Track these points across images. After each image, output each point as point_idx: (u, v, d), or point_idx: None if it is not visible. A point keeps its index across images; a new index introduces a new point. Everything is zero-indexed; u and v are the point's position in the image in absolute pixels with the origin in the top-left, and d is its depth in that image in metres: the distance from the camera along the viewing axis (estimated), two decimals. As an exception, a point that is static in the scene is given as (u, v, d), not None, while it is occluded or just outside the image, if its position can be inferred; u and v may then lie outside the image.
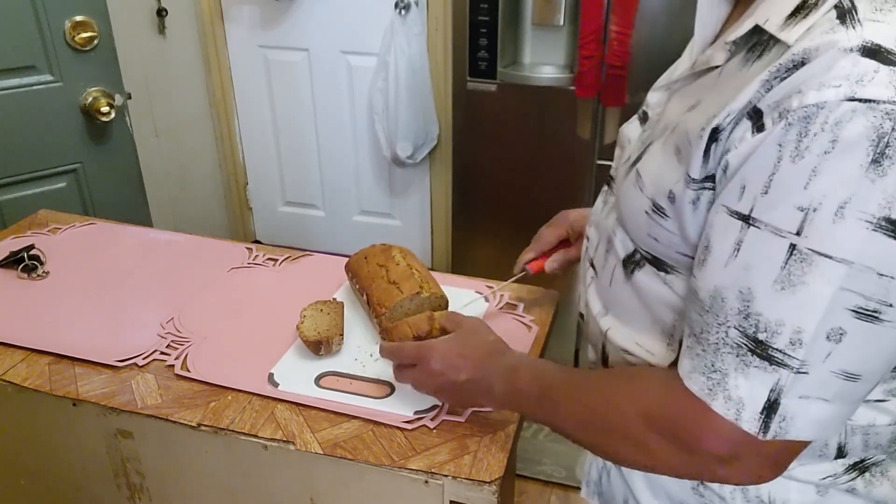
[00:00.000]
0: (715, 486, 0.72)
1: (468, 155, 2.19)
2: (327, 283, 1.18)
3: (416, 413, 0.88)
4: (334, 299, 1.08)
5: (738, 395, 0.57)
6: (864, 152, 0.49)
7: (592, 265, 0.80)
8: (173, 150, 2.71)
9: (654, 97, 0.75)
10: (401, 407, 0.89)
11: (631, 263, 0.71)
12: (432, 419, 0.87)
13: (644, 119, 0.76)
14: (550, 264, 1.02)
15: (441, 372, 0.80)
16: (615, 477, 0.82)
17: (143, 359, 0.99)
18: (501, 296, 1.14)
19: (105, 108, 1.81)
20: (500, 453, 0.83)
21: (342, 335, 1.00)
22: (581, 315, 0.87)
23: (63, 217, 1.42)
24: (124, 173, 1.98)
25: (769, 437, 0.57)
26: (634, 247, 0.70)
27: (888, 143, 0.49)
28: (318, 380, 0.95)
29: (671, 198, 0.62)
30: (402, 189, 2.74)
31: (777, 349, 0.55)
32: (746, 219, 0.55)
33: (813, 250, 0.52)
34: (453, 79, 2.11)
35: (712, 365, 0.58)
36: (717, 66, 0.64)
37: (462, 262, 2.33)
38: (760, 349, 0.55)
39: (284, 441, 0.85)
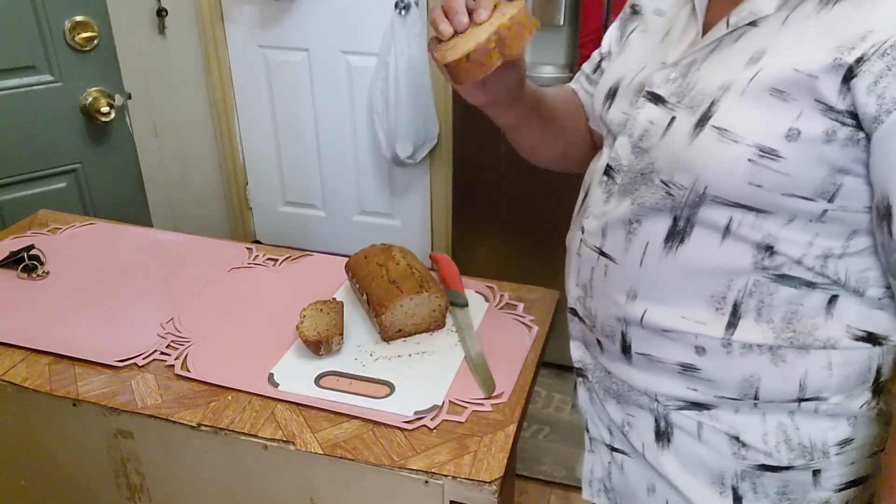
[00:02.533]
0: (758, 442, 0.75)
1: (468, 155, 2.19)
2: (327, 283, 1.18)
3: (416, 413, 0.88)
4: (334, 299, 1.08)
5: None
6: None
7: (603, 254, 0.78)
8: (173, 150, 2.71)
9: (659, 76, 0.74)
10: (401, 407, 0.89)
11: (675, 237, 0.71)
12: (432, 419, 0.87)
13: (657, 99, 0.74)
14: None
15: None
16: (634, 467, 0.83)
17: (143, 359, 0.99)
18: (502, 295, 1.14)
19: (105, 108, 1.81)
20: (500, 453, 0.83)
21: (342, 335, 1.00)
22: (573, 311, 0.86)
23: (63, 217, 1.42)
24: (124, 173, 1.98)
25: None
26: (673, 220, 0.71)
27: None
28: (318, 380, 0.95)
29: (791, 135, 0.62)
30: (402, 189, 2.74)
31: None
32: None
33: None
34: (453, 79, 2.11)
35: None
36: (758, 19, 0.67)
37: (462, 262, 2.32)
38: None
39: (284, 441, 0.85)
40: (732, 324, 0.71)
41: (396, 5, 2.31)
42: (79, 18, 1.75)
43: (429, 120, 2.45)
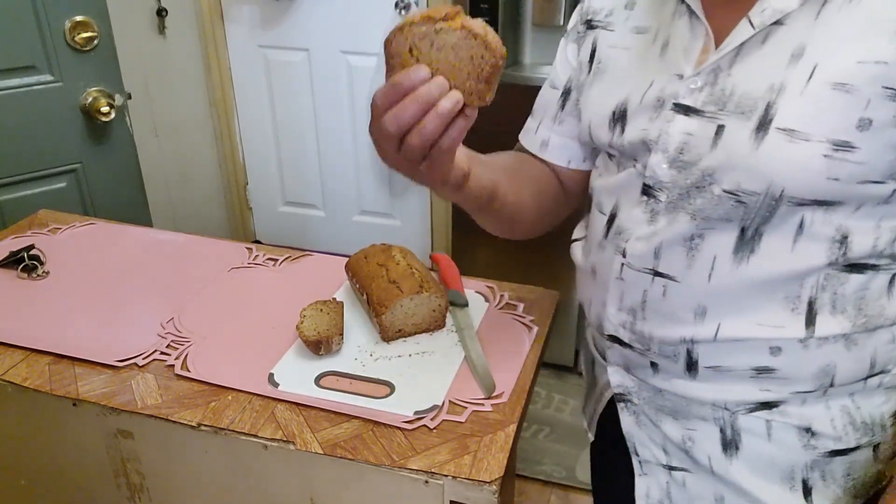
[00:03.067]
0: (827, 429, 0.75)
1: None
2: (327, 283, 1.18)
3: (416, 413, 0.88)
4: (334, 299, 1.08)
5: None
6: None
7: (660, 274, 0.75)
8: (173, 150, 2.71)
9: (683, 87, 0.72)
10: (401, 407, 0.89)
11: (744, 247, 0.70)
12: (432, 419, 0.87)
13: (688, 110, 0.72)
14: None
15: None
16: (698, 481, 0.82)
17: (143, 359, 0.99)
18: (502, 296, 1.14)
19: (105, 108, 1.81)
20: (500, 453, 0.83)
21: (342, 335, 1.00)
22: (613, 338, 0.82)
23: (63, 217, 1.42)
24: (124, 173, 1.98)
25: None
26: (741, 230, 0.70)
27: None
28: (318, 380, 0.95)
29: (862, 125, 0.63)
30: (402, 189, 2.74)
31: None
32: None
33: None
34: (453, 79, 2.10)
35: None
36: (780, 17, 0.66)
37: (462, 262, 2.32)
38: None
39: (284, 441, 0.85)
40: (810, 321, 0.71)
41: (396, 5, 2.31)
42: (79, 18, 1.75)
43: (429, 120, 2.45)
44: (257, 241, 2.84)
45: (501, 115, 2.07)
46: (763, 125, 0.66)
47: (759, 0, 0.68)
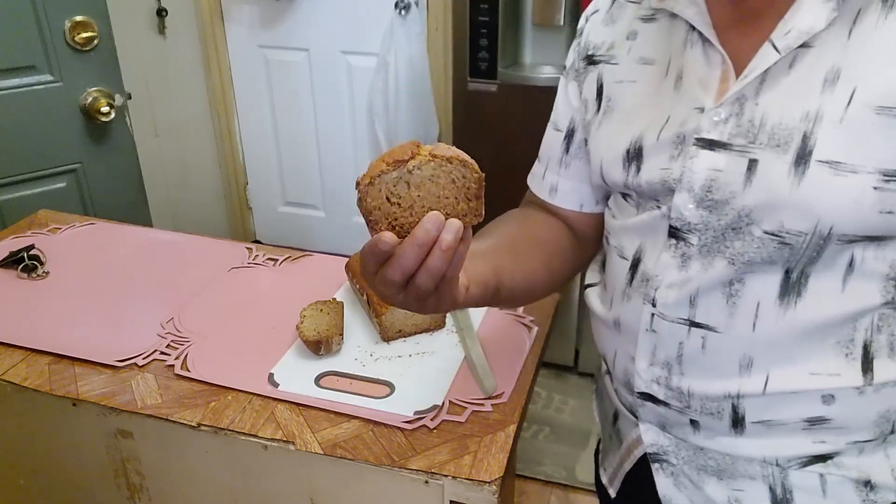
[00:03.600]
0: (888, 479, 0.70)
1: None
2: (327, 283, 1.18)
3: (416, 413, 0.88)
4: (334, 299, 1.08)
5: None
6: None
7: (697, 324, 0.69)
8: (173, 150, 2.71)
9: (706, 121, 0.66)
10: (401, 407, 0.89)
11: (790, 291, 0.65)
12: (432, 419, 0.87)
13: (713, 145, 0.66)
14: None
15: None
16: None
17: (143, 359, 0.99)
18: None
19: (105, 109, 1.81)
20: (500, 453, 0.83)
21: (342, 335, 1.00)
22: (645, 395, 0.76)
23: (63, 217, 1.42)
24: (124, 173, 1.98)
25: None
26: (785, 272, 0.64)
27: None
28: (318, 380, 0.95)
29: None
30: (402, 189, 2.74)
31: None
32: None
33: None
34: (453, 79, 2.11)
35: None
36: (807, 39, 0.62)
37: (462, 263, 2.32)
38: None
39: (284, 441, 0.85)
40: (867, 368, 0.66)
41: (396, 5, 2.31)
42: (79, 18, 1.75)
43: (429, 120, 2.45)
44: (257, 241, 2.84)
45: (504, 113, 2.08)
46: (802, 158, 0.61)
47: (781, 21, 0.62)
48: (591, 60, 0.80)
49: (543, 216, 0.89)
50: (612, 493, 0.89)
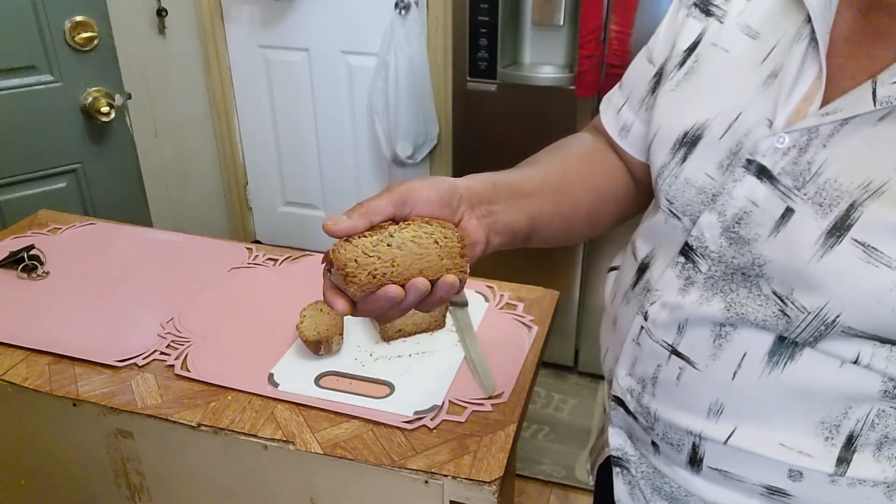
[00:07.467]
0: None
1: (468, 155, 2.19)
2: (327, 283, 1.17)
3: (416, 413, 0.88)
4: (334, 299, 1.08)
5: None
6: None
7: (678, 354, 0.65)
8: (173, 150, 2.71)
9: (766, 143, 0.58)
10: (401, 407, 0.89)
11: (782, 352, 0.59)
12: (432, 419, 0.87)
13: (762, 173, 0.58)
14: None
15: None
16: None
17: (143, 359, 0.99)
18: (502, 295, 1.14)
19: (105, 108, 1.82)
20: (500, 453, 0.83)
21: (342, 335, 1.00)
22: (618, 400, 0.73)
23: (63, 217, 1.42)
24: (124, 173, 1.98)
25: None
26: (782, 335, 0.58)
27: None
28: (318, 380, 0.95)
29: None
30: (402, 189, 2.74)
31: None
32: None
33: None
34: (453, 79, 2.11)
35: None
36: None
37: (462, 262, 2.32)
38: None
39: (284, 441, 0.85)
40: (845, 459, 0.59)
41: (396, 5, 2.31)
42: (79, 18, 1.75)
43: (429, 120, 2.45)
44: (257, 241, 2.84)
45: (503, 113, 2.08)
46: (838, 229, 0.53)
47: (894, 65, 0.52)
48: (706, 10, 0.69)
49: (607, 155, 0.80)
50: (591, 480, 0.89)
